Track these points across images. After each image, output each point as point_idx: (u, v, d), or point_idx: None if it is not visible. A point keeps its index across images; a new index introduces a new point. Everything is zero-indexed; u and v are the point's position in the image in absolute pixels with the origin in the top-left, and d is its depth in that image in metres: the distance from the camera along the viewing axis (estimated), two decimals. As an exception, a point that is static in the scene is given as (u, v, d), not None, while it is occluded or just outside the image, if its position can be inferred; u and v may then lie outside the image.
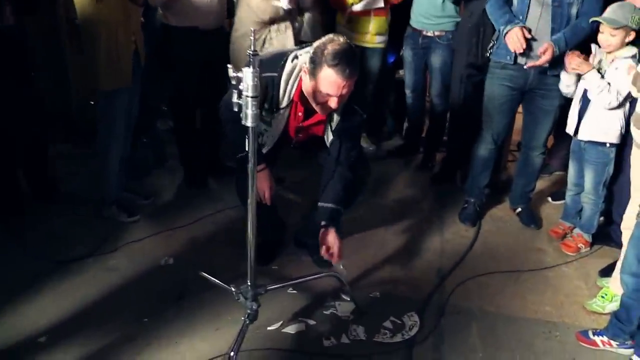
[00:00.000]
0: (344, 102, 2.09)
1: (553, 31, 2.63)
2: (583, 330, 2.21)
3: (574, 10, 2.60)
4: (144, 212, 3.01)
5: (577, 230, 2.90)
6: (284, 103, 2.15)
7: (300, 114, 2.21)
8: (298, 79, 2.11)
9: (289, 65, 2.11)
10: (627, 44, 2.48)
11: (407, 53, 3.60)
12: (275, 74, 2.10)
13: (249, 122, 1.71)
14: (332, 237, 2.16)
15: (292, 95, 2.14)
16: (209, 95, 3.15)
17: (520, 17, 2.66)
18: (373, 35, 3.48)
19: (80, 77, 3.56)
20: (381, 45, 3.55)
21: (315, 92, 2.03)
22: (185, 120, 3.26)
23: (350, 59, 1.96)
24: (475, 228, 3.04)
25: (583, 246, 2.83)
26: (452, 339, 2.18)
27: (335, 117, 2.19)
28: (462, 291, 2.49)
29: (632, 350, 2.08)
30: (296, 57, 2.12)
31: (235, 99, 1.71)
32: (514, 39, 2.64)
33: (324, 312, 2.30)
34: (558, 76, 2.71)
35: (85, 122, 3.64)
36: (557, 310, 2.39)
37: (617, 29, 2.41)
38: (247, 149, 1.78)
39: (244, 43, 2.96)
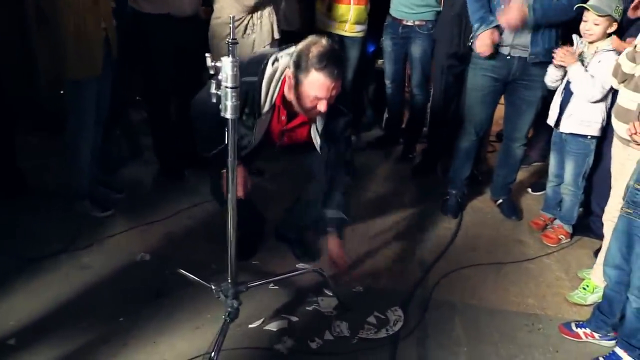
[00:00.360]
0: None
1: (534, 40, 2.61)
2: (566, 322, 2.21)
3: None
4: (118, 206, 2.91)
5: (557, 222, 2.90)
6: (266, 107, 2.06)
7: (283, 117, 2.14)
8: (280, 83, 2.04)
9: (269, 69, 2.02)
10: (609, 35, 2.47)
11: (386, 43, 3.54)
12: (255, 79, 2.01)
13: (228, 114, 1.64)
14: (338, 249, 2.34)
15: (274, 100, 2.06)
16: (184, 85, 3.07)
17: (501, 5, 2.63)
18: (352, 24, 3.41)
19: (49, 65, 3.42)
20: (360, 35, 3.49)
21: (302, 96, 1.96)
22: (160, 111, 3.17)
23: (337, 60, 1.92)
24: (456, 220, 3.02)
25: (564, 237, 2.84)
26: (437, 333, 2.15)
27: (319, 119, 2.12)
28: (445, 284, 2.47)
29: (614, 342, 2.08)
30: (276, 59, 2.04)
31: (213, 89, 1.63)
32: (483, 43, 2.64)
33: (307, 308, 2.25)
34: (540, 66, 2.68)
35: (54, 112, 3.50)
36: (540, 303, 2.38)
37: (601, 16, 2.40)
38: (225, 142, 1.70)
39: (225, 31, 2.87)
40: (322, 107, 1.95)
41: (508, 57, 2.71)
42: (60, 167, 3.09)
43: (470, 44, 2.82)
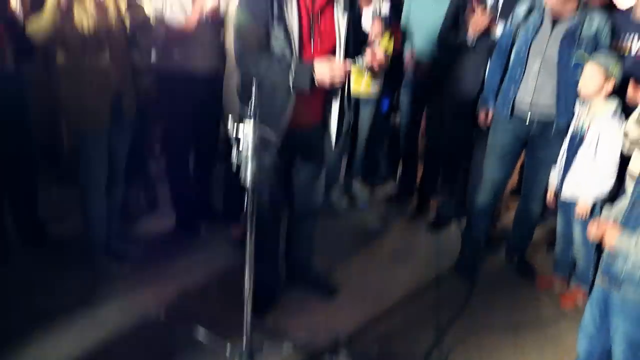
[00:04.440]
0: None
1: (559, 97, 2.64)
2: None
3: (579, 73, 2.54)
4: (134, 259, 2.92)
5: (574, 282, 2.86)
6: None
7: (308, 1, 2.16)
8: None
9: None
10: (608, 96, 2.48)
11: (404, 99, 3.62)
12: None
13: (248, 182, 1.68)
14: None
15: None
16: (203, 138, 3.14)
17: (519, 71, 2.69)
18: (367, 84, 3.49)
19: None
20: (375, 95, 3.57)
21: None
22: (178, 163, 3.22)
23: None
24: (471, 279, 2.99)
25: (581, 298, 2.79)
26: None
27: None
28: (461, 350, 2.42)
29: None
30: None
31: (234, 158, 1.68)
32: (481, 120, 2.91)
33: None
34: (563, 125, 2.70)
35: (76, 162, 3.57)
36: (558, 370, 2.34)
37: (598, 68, 2.43)
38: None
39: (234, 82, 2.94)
40: None
41: (527, 119, 2.75)
42: (80, 218, 3.15)
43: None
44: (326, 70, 2.05)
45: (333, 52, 2.23)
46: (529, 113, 2.73)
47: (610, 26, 2.63)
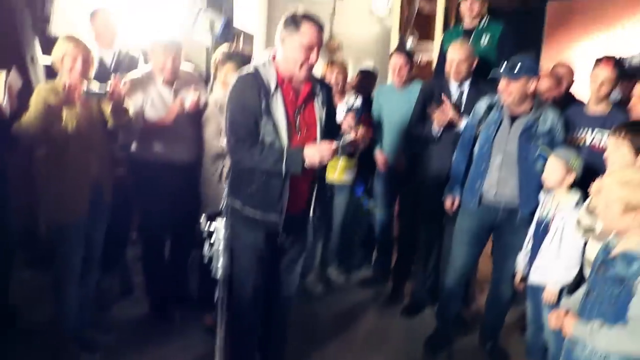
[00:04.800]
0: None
1: (521, 189, 2.78)
2: None
3: (539, 166, 2.71)
4: (106, 348, 2.87)
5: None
6: (272, 86, 2.27)
7: (291, 93, 2.32)
8: (273, 66, 2.29)
9: (255, 62, 2.32)
10: (570, 187, 2.62)
11: (378, 186, 3.76)
12: (252, 70, 2.28)
13: (219, 274, 1.73)
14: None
15: (276, 79, 2.27)
16: (179, 226, 3.19)
17: (482, 165, 2.85)
18: (341, 173, 3.63)
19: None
20: (349, 182, 3.71)
21: (296, 52, 2.21)
22: (154, 250, 3.24)
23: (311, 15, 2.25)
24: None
25: (554, 386, 2.79)
26: None
27: (317, 88, 2.40)
28: None
29: None
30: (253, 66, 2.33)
31: (206, 251, 1.74)
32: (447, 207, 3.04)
33: None
34: (526, 214, 2.81)
35: (51, 246, 3.57)
36: None
37: (559, 162, 2.57)
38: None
39: (209, 171, 3.07)
40: (314, 56, 2.22)
41: (493, 209, 2.87)
42: (52, 303, 3.11)
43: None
44: (314, 151, 2.20)
45: (315, 140, 2.38)
46: (494, 203, 2.86)
47: (563, 122, 2.83)
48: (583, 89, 3.27)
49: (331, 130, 2.44)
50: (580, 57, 7.02)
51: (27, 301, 3.21)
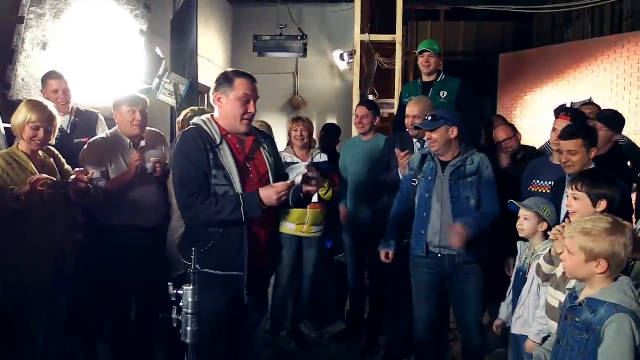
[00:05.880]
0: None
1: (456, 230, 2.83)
2: None
3: (472, 203, 2.87)
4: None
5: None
6: (217, 138, 2.29)
7: (237, 145, 2.35)
8: (213, 122, 2.32)
9: (196, 120, 2.35)
10: (546, 237, 2.63)
11: (346, 240, 3.78)
12: (194, 126, 2.32)
13: (188, 338, 1.70)
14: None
15: (219, 132, 2.30)
16: (145, 290, 3.11)
17: (424, 214, 2.92)
18: (310, 226, 3.64)
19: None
20: (318, 235, 3.72)
21: (235, 105, 2.28)
22: (120, 316, 3.15)
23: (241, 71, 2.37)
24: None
25: None
26: None
27: (263, 139, 2.47)
28: None
29: None
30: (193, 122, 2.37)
31: (174, 315, 1.71)
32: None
33: None
34: (472, 263, 2.88)
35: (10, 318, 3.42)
36: None
37: (529, 212, 2.62)
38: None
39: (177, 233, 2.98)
40: (252, 108, 2.30)
41: (439, 256, 2.91)
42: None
43: (404, 243, 3.06)
44: (270, 191, 2.21)
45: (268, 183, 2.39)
46: (440, 250, 2.91)
47: (488, 162, 2.95)
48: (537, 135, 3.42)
49: (282, 177, 2.45)
50: (531, 104, 7.37)
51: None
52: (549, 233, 2.45)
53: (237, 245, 2.24)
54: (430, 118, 2.90)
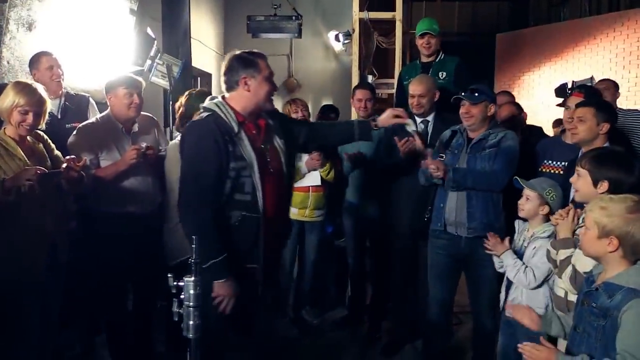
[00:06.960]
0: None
1: (469, 200, 2.81)
2: None
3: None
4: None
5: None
6: (235, 126, 2.22)
7: (254, 131, 2.30)
8: (228, 107, 2.25)
9: (209, 105, 2.27)
10: (546, 220, 2.56)
11: (347, 223, 3.69)
12: (208, 113, 2.24)
13: (190, 333, 1.61)
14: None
15: (237, 118, 2.23)
16: (141, 280, 3.02)
17: (441, 205, 2.87)
18: (312, 210, 3.57)
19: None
20: (320, 219, 3.64)
21: (264, 86, 2.26)
22: (115, 306, 3.04)
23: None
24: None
25: None
26: None
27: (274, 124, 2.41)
28: None
29: None
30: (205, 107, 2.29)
31: (175, 308, 1.62)
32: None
33: None
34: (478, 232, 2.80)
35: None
36: None
37: (533, 192, 2.53)
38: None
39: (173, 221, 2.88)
40: (271, 85, 2.29)
41: (455, 235, 2.86)
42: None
43: (426, 218, 2.97)
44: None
45: (281, 174, 2.35)
46: (456, 229, 2.85)
47: (513, 135, 2.86)
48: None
49: (291, 156, 2.45)
50: (530, 85, 7.28)
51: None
52: (550, 217, 2.39)
53: (253, 237, 2.20)
54: (471, 92, 2.84)
